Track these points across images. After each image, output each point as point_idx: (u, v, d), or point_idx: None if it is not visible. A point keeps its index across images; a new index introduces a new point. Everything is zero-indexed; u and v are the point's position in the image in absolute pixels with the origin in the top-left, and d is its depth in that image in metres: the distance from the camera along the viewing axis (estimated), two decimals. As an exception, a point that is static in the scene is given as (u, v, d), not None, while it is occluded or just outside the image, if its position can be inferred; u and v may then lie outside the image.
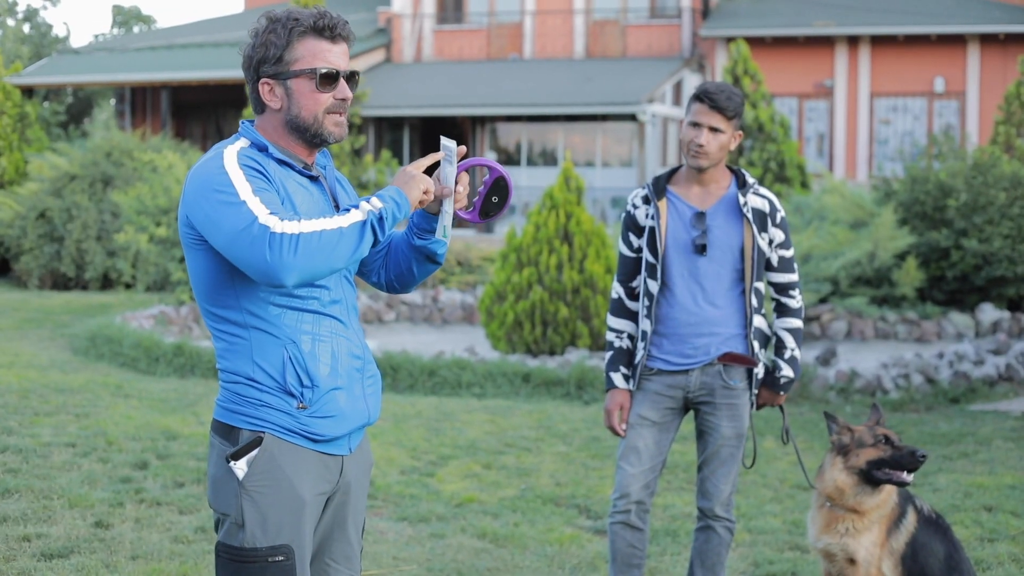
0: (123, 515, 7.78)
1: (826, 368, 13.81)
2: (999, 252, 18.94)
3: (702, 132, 5.63)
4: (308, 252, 3.47)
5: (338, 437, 3.80)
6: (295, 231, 3.47)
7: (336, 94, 3.76)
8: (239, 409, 3.72)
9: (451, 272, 23.61)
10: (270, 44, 3.74)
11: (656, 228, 5.72)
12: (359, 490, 3.97)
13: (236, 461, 3.70)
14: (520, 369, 13.58)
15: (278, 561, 3.69)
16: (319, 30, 3.74)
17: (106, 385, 12.63)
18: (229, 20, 38.41)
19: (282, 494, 3.70)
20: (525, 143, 31.86)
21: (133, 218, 20.06)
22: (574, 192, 15.49)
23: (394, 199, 3.65)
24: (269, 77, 3.76)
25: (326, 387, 3.73)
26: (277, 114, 3.78)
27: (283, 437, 3.70)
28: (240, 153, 3.68)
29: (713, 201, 5.76)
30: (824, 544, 5.45)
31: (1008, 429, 11.31)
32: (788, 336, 5.84)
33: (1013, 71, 28.13)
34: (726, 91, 5.62)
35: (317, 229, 3.49)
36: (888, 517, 5.38)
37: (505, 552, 7.45)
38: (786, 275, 5.83)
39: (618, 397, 5.86)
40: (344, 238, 3.52)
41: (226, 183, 3.57)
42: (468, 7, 34.15)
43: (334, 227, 3.51)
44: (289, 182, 3.72)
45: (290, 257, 3.46)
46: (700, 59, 31.72)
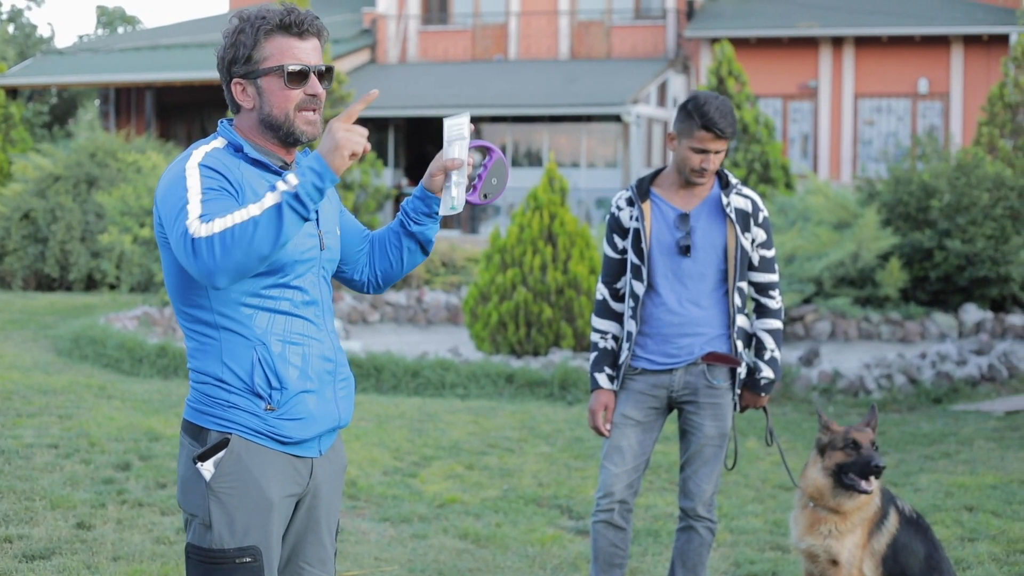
0: (105, 516, 7.77)
1: (809, 368, 13.84)
2: (982, 253, 18.98)
3: (709, 158, 5.65)
4: (226, 250, 3.42)
5: (307, 439, 3.79)
6: (208, 233, 3.43)
7: (307, 90, 3.72)
8: (207, 410, 3.71)
9: (435, 273, 23.60)
10: (239, 44, 3.72)
11: (641, 230, 5.73)
12: (331, 492, 3.96)
13: (203, 462, 3.69)
14: (504, 370, 13.59)
15: (246, 562, 3.68)
16: (286, 27, 3.70)
17: (89, 386, 12.61)
18: (214, 21, 38.37)
19: (249, 496, 3.68)
20: (510, 144, 31.87)
21: (117, 219, 20.05)
22: (558, 193, 15.50)
23: (314, 170, 3.49)
24: (240, 77, 3.74)
25: (295, 389, 3.72)
26: (251, 113, 3.77)
27: (250, 439, 3.69)
28: (208, 154, 3.67)
29: (696, 202, 5.78)
30: (807, 545, 5.46)
31: (990, 429, 11.34)
32: (768, 337, 5.86)
33: (996, 72, 28.19)
34: (727, 115, 5.61)
35: (228, 225, 3.42)
36: (870, 519, 5.40)
37: (487, 553, 7.45)
38: (767, 275, 5.85)
39: (602, 397, 5.87)
40: (260, 227, 3.42)
41: (183, 186, 3.56)
42: (453, 8, 34.15)
43: (246, 218, 3.43)
44: (261, 184, 3.69)
45: (211, 260, 3.43)
46: (685, 60, 31.75)
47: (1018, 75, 23.70)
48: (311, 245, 3.77)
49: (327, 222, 3.89)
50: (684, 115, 5.66)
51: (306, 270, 3.76)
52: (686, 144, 5.66)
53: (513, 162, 31.66)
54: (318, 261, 3.81)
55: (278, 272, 3.68)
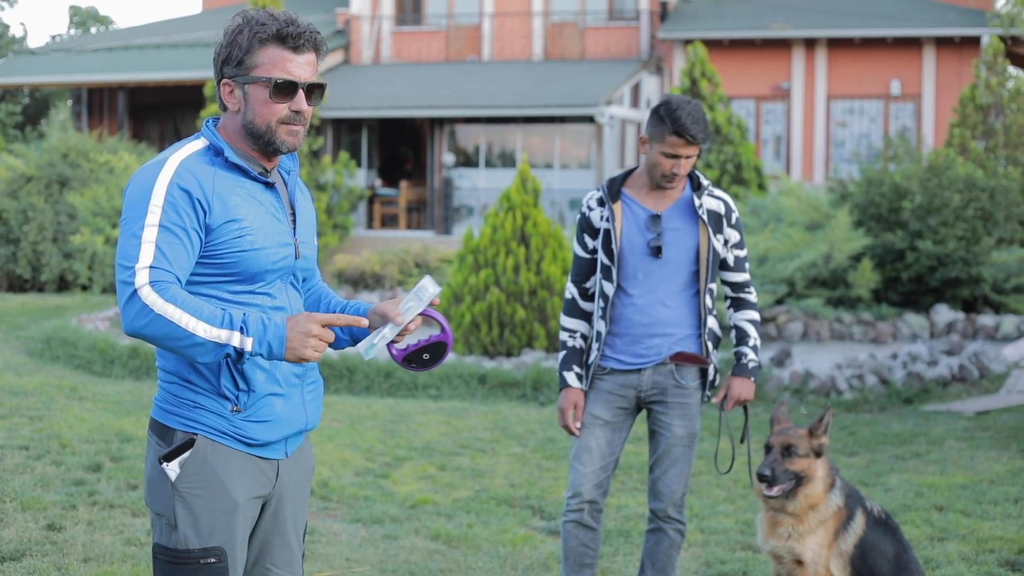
0: (76, 518, 7.75)
1: (781, 369, 13.88)
2: (953, 254, 19.07)
3: (680, 163, 5.64)
4: (152, 330, 3.48)
5: (273, 442, 3.79)
6: (151, 303, 3.47)
7: (292, 105, 3.70)
8: (174, 410, 3.71)
9: (409, 274, 23.60)
10: (235, 45, 3.70)
11: (611, 230, 5.73)
12: (298, 494, 3.96)
13: (169, 462, 3.69)
14: (476, 371, 13.60)
15: (210, 563, 3.68)
16: (282, 38, 3.68)
17: (61, 387, 12.57)
18: (187, 21, 38.25)
19: (214, 496, 3.68)
20: (483, 145, 31.86)
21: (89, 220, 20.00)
22: (531, 194, 15.51)
23: (270, 345, 3.53)
24: (229, 78, 3.73)
25: (262, 392, 3.72)
26: (236, 116, 3.75)
27: (216, 439, 3.69)
28: (183, 165, 3.63)
29: (668, 203, 5.79)
30: (771, 547, 5.48)
31: (960, 429, 11.39)
32: (749, 326, 5.89)
33: (968, 74, 28.31)
34: (700, 121, 5.58)
35: (174, 320, 3.46)
36: (834, 519, 5.40)
37: (458, 553, 7.46)
38: (741, 274, 5.89)
39: (571, 396, 5.87)
40: (194, 346, 3.49)
41: (144, 203, 3.56)
42: (427, 9, 34.12)
43: (190, 330, 3.47)
44: (235, 194, 3.66)
45: (136, 322, 3.49)
46: (658, 61, 31.79)
47: (989, 77, 23.82)
48: (286, 254, 3.76)
49: (305, 231, 3.89)
50: (656, 119, 5.64)
51: (276, 277, 3.75)
52: (657, 148, 5.65)
53: (487, 163, 31.65)
54: (290, 269, 3.80)
55: (248, 281, 3.68)
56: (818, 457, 5.45)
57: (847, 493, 5.48)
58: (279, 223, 3.76)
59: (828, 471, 5.47)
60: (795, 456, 5.44)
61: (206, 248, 3.62)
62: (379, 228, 31.24)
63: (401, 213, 31.30)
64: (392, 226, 31.52)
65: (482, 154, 31.78)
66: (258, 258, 3.65)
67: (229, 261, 3.63)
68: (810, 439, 5.46)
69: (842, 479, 5.52)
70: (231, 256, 3.63)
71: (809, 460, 5.44)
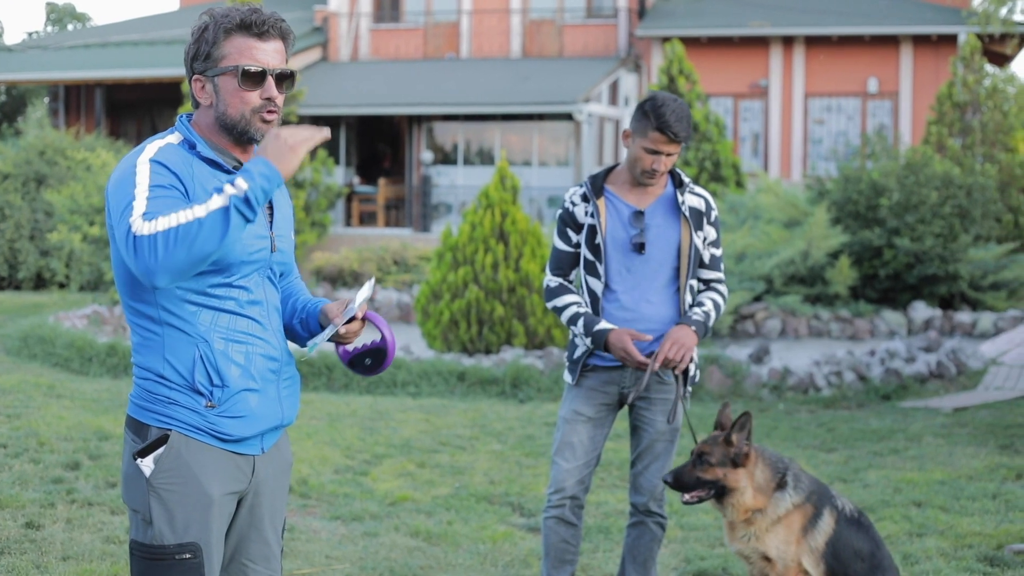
0: (54, 516, 7.73)
1: (759, 365, 13.90)
2: (931, 251, 19.14)
3: (660, 160, 5.63)
4: (168, 250, 3.42)
5: (248, 437, 3.79)
6: (150, 231, 3.42)
7: (263, 93, 3.71)
8: (149, 406, 3.71)
9: (387, 271, 23.58)
10: (202, 40, 3.71)
11: (596, 226, 5.73)
12: (276, 490, 3.96)
13: (143, 458, 3.69)
14: (455, 368, 13.59)
15: (185, 559, 3.68)
16: (246, 26, 3.69)
17: (38, 385, 12.53)
18: (164, 18, 38.15)
19: (189, 492, 3.68)
20: (462, 142, 31.84)
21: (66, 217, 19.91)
22: (509, 191, 15.50)
23: (264, 175, 3.50)
24: (200, 74, 3.74)
25: (236, 387, 3.71)
26: (209, 111, 3.76)
27: (191, 435, 3.69)
28: (161, 150, 3.66)
29: (651, 200, 5.79)
30: (736, 549, 5.47)
31: (938, 426, 11.43)
32: (708, 301, 5.78)
33: (945, 72, 28.40)
34: (683, 119, 5.57)
35: (172, 224, 3.42)
36: (796, 517, 5.33)
37: (438, 550, 7.46)
38: (715, 273, 5.88)
39: (618, 335, 5.59)
40: (204, 228, 3.43)
41: (131, 181, 3.56)
42: (405, 6, 34.08)
43: (191, 219, 3.43)
44: (212, 183, 3.67)
45: (152, 258, 3.42)
46: (636, 59, 31.81)
47: (966, 74, 23.90)
48: (261, 247, 3.76)
49: (282, 226, 3.89)
50: (641, 114, 5.65)
51: (252, 270, 3.75)
52: (639, 143, 5.65)
53: (465, 160, 31.63)
54: (266, 263, 3.80)
55: (223, 272, 3.68)
56: (737, 467, 5.35)
57: (808, 491, 5.37)
58: None
59: (765, 477, 5.36)
60: (707, 464, 5.38)
61: None
62: (357, 226, 31.21)
63: (379, 210, 31.27)
64: (370, 224, 31.49)
65: (460, 151, 31.77)
66: (233, 248, 3.64)
67: None
68: (726, 447, 5.38)
69: (804, 477, 5.42)
70: None
71: (725, 469, 5.35)
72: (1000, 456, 10.03)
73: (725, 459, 5.37)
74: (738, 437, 5.38)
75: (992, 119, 23.51)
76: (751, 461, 5.38)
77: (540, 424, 11.55)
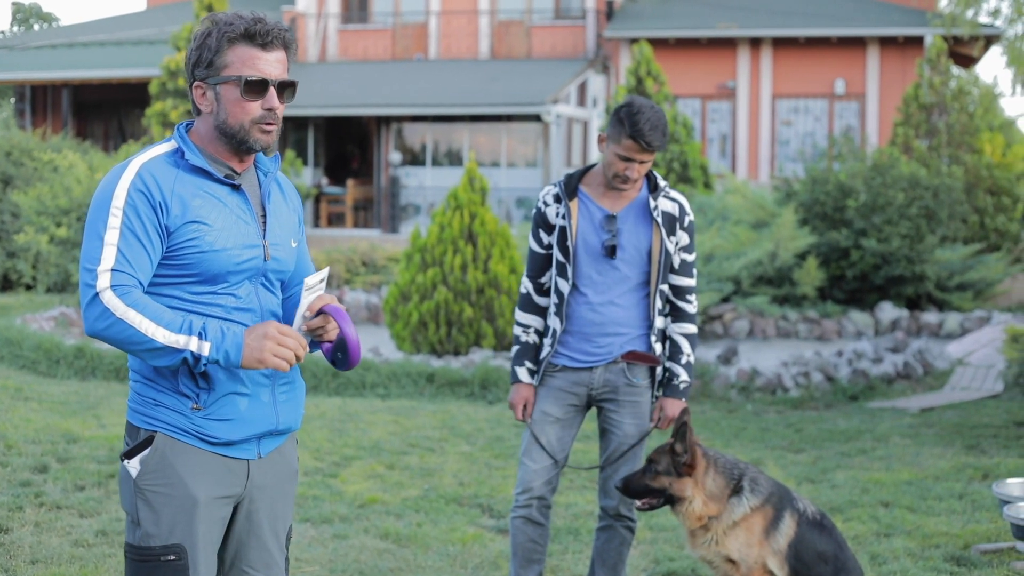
0: (23, 519, 7.70)
1: (727, 367, 13.94)
2: (897, 252, 19.23)
3: (633, 167, 5.65)
4: (113, 333, 3.55)
5: (238, 441, 3.79)
6: (111, 306, 3.54)
7: (264, 103, 3.73)
8: (140, 408, 3.74)
9: (356, 272, 23.55)
10: (204, 47, 3.72)
11: (567, 228, 5.75)
12: (277, 497, 3.95)
13: (129, 460, 3.71)
14: (424, 369, 13.59)
15: (170, 560, 3.69)
16: (251, 36, 3.71)
17: (5, 388, 12.49)
18: (131, 18, 38.01)
19: (174, 493, 3.70)
20: (430, 143, 31.85)
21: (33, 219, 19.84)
22: (478, 192, 15.51)
23: (227, 352, 3.59)
24: (201, 81, 3.75)
25: (224, 391, 3.72)
26: (208, 118, 3.78)
27: (176, 437, 3.70)
28: (146, 166, 3.67)
29: (624, 204, 5.80)
30: (699, 554, 5.47)
31: (905, 426, 11.49)
32: (684, 342, 5.87)
33: (911, 73, 28.53)
34: (658, 128, 5.58)
35: (133, 324, 3.53)
36: (756, 519, 5.33)
37: (408, 552, 7.46)
38: (686, 279, 5.87)
39: (522, 391, 5.90)
40: (153, 351, 3.56)
41: (105, 207, 3.62)
42: (373, 7, 34.05)
43: (149, 335, 3.53)
44: (197, 196, 3.69)
45: (96, 324, 3.56)
46: (604, 60, 31.87)
47: (933, 76, 24.02)
48: (251, 256, 3.77)
49: (277, 234, 3.89)
50: (616, 120, 5.65)
51: (241, 279, 3.76)
52: (613, 149, 5.66)
53: (433, 161, 31.64)
54: (259, 271, 3.81)
55: (209, 282, 3.70)
56: (681, 476, 5.36)
57: (767, 494, 5.37)
58: (245, 225, 3.77)
59: (718, 485, 5.36)
60: (655, 473, 5.41)
61: (167, 249, 3.65)
62: (326, 227, 31.17)
63: (348, 211, 31.24)
64: (339, 225, 31.46)
65: (429, 152, 31.77)
66: (218, 259, 3.67)
67: (189, 262, 3.66)
68: (672, 456, 5.39)
69: (762, 480, 5.41)
70: (191, 257, 3.65)
71: (671, 479, 5.37)
72: (966, 456, 10.09)
73: (670, 468, 5.39)
74: (681, 446, 5.38)
75: (958, 121, 23.63)
76: (699, 470, 5.37)
77: (509, 426, 11.56)
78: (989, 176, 23.12)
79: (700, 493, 5.35)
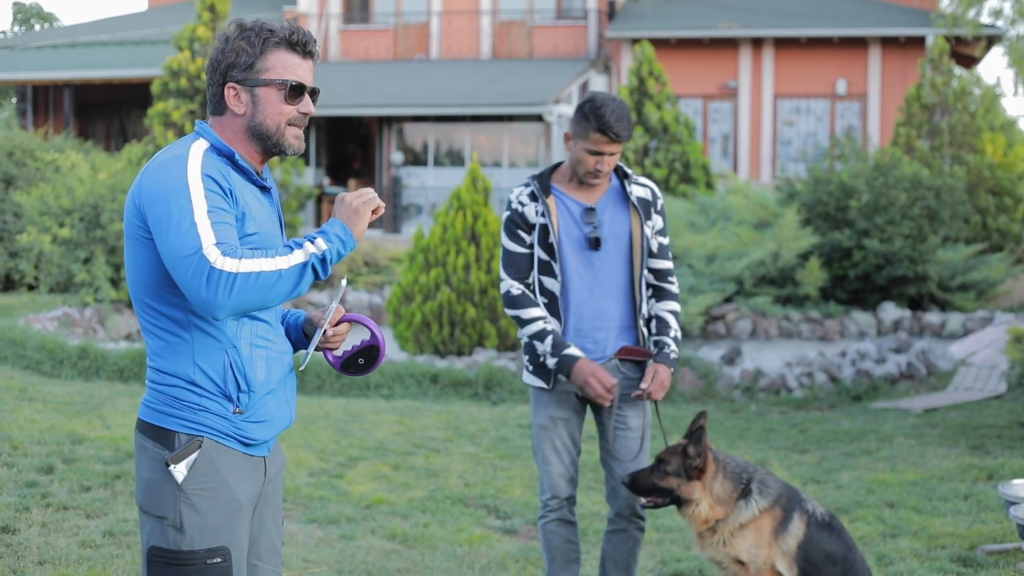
0: (29, 520, 7.70)
1: (731, 367, 13.95)
2: (900, 252, 19.24)
3: (603, 160, 5.65)
4: (244, 292, 3.49)
5: (265, 441, 3.86)
6: (233, 270, 3.48)
7: (301, 108, 3.82)
8: (174, 412, 3.74)
9: (358, 273, 23.56)
10: (241, 51, 3.77)
11: (548, 225, 5.72)
12: (278, 488, 4.05)
13: (176, 465, 3.72)
14: (428, 370, 13.60)
15: (216, 563, 3.73)
16: (292, 44, 3.81)
17: (9, 388, 12.48)
18: (133, 18, 38.02)
19: (220, 497, 3.74)
20: (432, 143, 31.85)
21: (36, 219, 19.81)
22: (481, 193, 15.53)
23: (339, 237, 3.64)
24: (236, 82, 3.79)
25: (261, 392, 3.78)
26: (239, 119, 3.81)
27: (220, 441, 3.75)
28: (205, 159, 3.68)
29: (599, 195, 5.80)
30: (708, 555, 5.48)
31: (909, 426, 11.50)
32: (671, 317, 5.84)
33: (913, 73, 28.54)
34: (623, 119, 5.58)
35: (255, 270, 3.50)
36: (765, 521, 5.34)
37: (415, 553, 7.47)
38: (664, 262, 5.88)
39: (587, 367, 5.62)
40: (282, 280, 3.54)
41: (184, 194, 3.57)
42: (375, 7, 34.06)
43: (273, 269, 3.53)
44: (246, 193, 3.74)
45: (225, 296, 3.47)
46: (606, 60, 31.87)
47: (935, 76, 24.03)
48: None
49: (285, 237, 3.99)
50: (580, 116, 5.65)
51: None
52: (582, 145, 5.66)
53: (435, 162, 31.66)
54: None
55: None
56: (691, 479, 5.37)
57: (776, 495, 5.38)
58: (274, 226, 3.86)
59: (725, 489, 5.37)
60: (664, 472, 5.43)
61: None
62: (328, 227, 31.13)
63: (349, 212, 31.18)
64: (341, 225, 31.40)
65: (430, 153, 31.78)
66: None
67: None
68: (683, 458, 5.40)
69: (771, 482, 5.42)
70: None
71: (680, 480, 5.38)
72: (971, 457, 10.10)
73: (681, 470, 5.40)
74: (694, 449, 5.39)
75: (960, 121, 23.64)
76: (708, 474, 5.38)
77: (514, 426, 11.57)
78: (991, 176, 23.14)
79: (707, 497, 5.36)
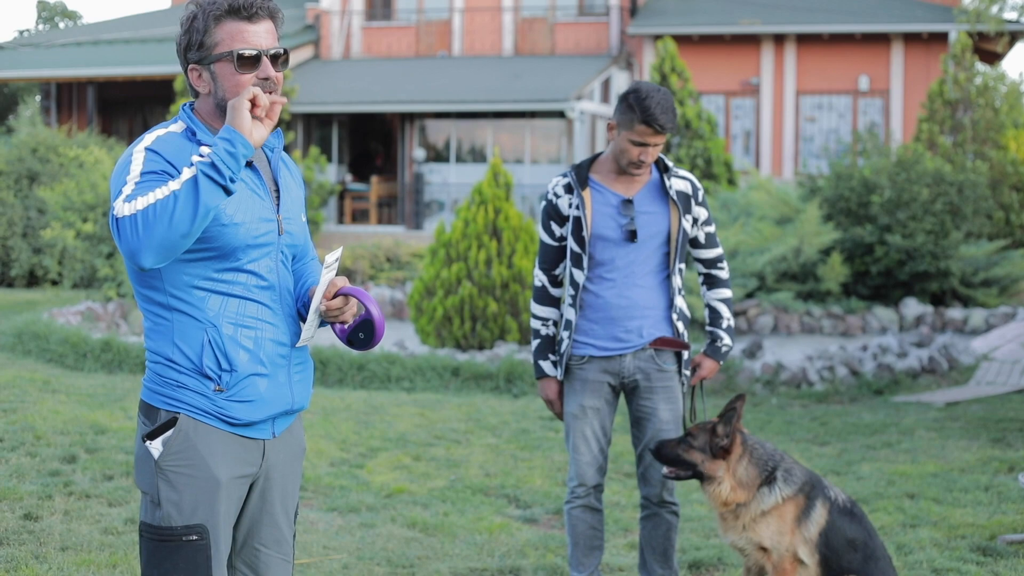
0: (52, 507, 7.75)
1: (752, 361, 13.95)
2: (922, 247, 19.20)
3: (647, 151, 5.67)
4: (149, 227, 3.42)
5: (258, 422, 3.82)
6: (131, 211, 3.44)
7: (259, 74, 3.73)
8: (159, 389, 3.75)
9: (380, 268, 23.61)
10: (193, 30, 3.74)
11: (581, 217, 5.76)
12: (287, 475, 3.99)
13: (152, 441, 3.74)
14: (449, 363, 13.63)
15: (192, 540, 3.72)
16: (235, 10, 3.71)
17: (33, 381, 12.55)
18: (155, 16, 38.15)
19: (197, 474, 3.73)
20: (454, 140, 31.88)
21: (59, 214, 19.91)
22: (503, 188, 15.55)
23: (224, 138, 3.51)
24: (195, 63, 3.77)
25: (245, 372, 3.75)
26: (208, 98, 3.80)
27: (199, 418, 3.73)
28: (160, 138, 3.70)
29: (638, 187, 5.82)
30: (731, 540, 5.50)
31: (930, 419, 11.48)
32: (723, 306, 5.98)
33: (936, 69, 28.47)
34: (668, 110, 5.60)
35: (151, 201, 3.44)
36: (788, 508, 5.36)
37: (435, 541, 7.49)
38: (713, 250, 5.98)
39: (551, 386, 5.96)
40: (179, 200, 3.43)
41: (126, 169, 3.60)
42: (397, 4, 34.10)
43: (166, 194, 3.44)
44: None
45: (134, 239, 3.43)
46: (628, 57, 31.86)
47: (957, 72, 23.97)
48: (267, 230, 3.79)
49: (289, 208, 3.92)
50: (625, 107, 5.67)
51: (261, 255, 3.78)
52: (625, 136, 5.67)
53: (457, 158, 31.67)
54: (276, 246, 3.83)
55: (229, 257, 3.71)
56: (715, 458, 5.43)
57: (801, 483, 5.42)
58: (260, 199, 3.79)
59: (749, 474, 5.42)
60: (689, 446, 5.48)
61: None
62: (350, 223, 31.23)
63: (372, 208, 31.28)
64: (363, 221, 31.51)
65: (452, 149, 31.81)
66: (236, 233, 3.69)
67: (207, 235, 3.64)
68: (711, 436, 5.46)
69: (796, 470, 5.46)
70: (209, 230, 3.64)
71: (704, 456, 5.43)
72: (992, 449, 10.08)
73: (706, 447, 5.44)
74: (723, 429, 5.44)
75: (983, 117, 23.59)
76: (734, 456, 5.43)
77: (534, 418, 11.58)
78: (1014, 172, 23.08)
79: (730, 478, 5.40)
